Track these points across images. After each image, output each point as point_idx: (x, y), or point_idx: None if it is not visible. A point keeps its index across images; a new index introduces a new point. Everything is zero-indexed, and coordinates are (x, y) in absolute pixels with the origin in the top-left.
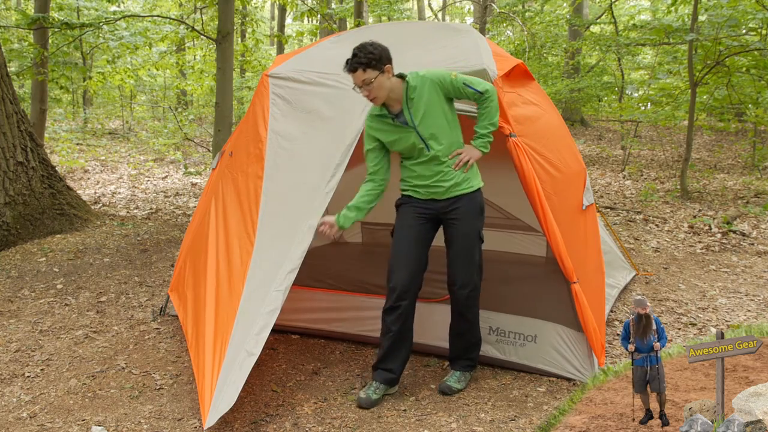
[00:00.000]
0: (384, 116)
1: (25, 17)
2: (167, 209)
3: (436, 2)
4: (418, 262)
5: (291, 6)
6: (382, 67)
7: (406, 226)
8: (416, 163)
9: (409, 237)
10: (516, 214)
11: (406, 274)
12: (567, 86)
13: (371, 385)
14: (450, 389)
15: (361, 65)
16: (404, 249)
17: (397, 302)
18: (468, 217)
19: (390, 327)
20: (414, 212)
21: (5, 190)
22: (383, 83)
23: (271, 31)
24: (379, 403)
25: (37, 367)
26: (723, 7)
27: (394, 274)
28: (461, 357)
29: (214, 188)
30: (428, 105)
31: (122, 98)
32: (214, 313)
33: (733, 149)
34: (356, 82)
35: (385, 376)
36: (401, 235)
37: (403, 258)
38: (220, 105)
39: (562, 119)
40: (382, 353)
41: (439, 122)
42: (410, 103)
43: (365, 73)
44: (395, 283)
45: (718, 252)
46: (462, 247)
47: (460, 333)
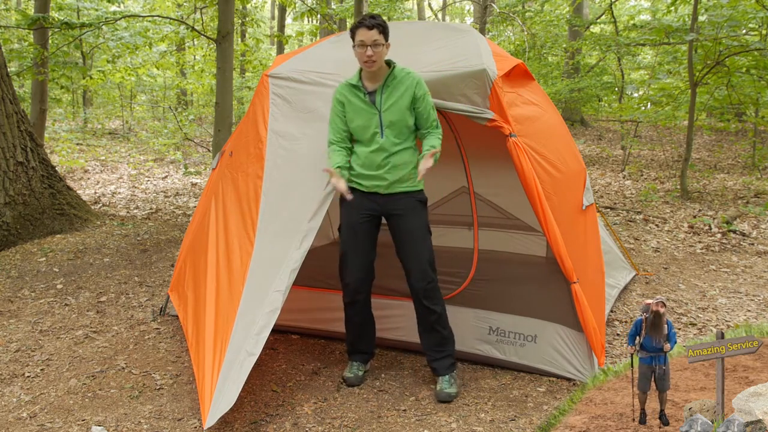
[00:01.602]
0: (358, 88)
1: (25, 17)
2: (167, 209)
3: (436, 2)
4: (366, 255)
5: (291, 6)
6: (387, 40)
7: (352, 224)
8: (365, 150)
9: (356, 234)
10: (516, 214)
11: (358, 270)
12: (567, 86)
13: (353, 366)
14: (450, 396)
15: (378, 26)
16: (351, 245)
17: (355, 297)
18: (412, 213)
19: (353, 318)
20: (357, 212)
21: (5, 190)
22: (383, 53)
23: (271, 31)
24: (365, 379)
25: (37, 367)
26: (723, 7)
27: (347, 270)
28: (438, 357)
29: (214, 188)
30: (400, 99)
31: (122, 98)
32: (214, 313)
33: (733, 149)
34: (367, 40)
35: (363, 357)
36: (348, 234)
37: (351, 254)
38: (220, 105)
39: (562, 119)
40: (354, 339)
41: (402, 118)
42: (385, 89)
43: (379, 35)
44: (349, 280)
45: (718, 252)
46: (411, 243)
47: (429, 328)
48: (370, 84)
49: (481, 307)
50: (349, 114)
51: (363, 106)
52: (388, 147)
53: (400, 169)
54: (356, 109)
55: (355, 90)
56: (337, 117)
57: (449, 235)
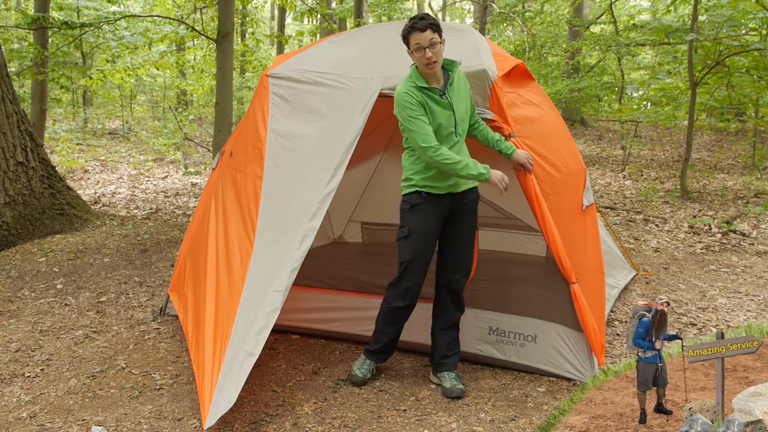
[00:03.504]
0: (431, 90)
1: (25, 17)
2: (167, 209)
3: (436, 2)
4: (430, 262)
5: (290, 7)
6: (442, 36)
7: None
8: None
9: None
10: (516, 214)
11: (421, 275)
12: (567, 86)
13: (365, 363)
14: (462, 391)
15: (432, 26)
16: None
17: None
18: (474, 211)
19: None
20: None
21: (5, 190)
22: (442, 51)
23: (271, 31)
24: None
25: (37, 367)
26: (723, 7)
27: (412, 276)
28: (450, 354)
29: (214, 188)
30: (465, 95)
31: (122, 98)
32: (214, 313)
33: (733, 149)
34: (424, 42)
35: (383, 357)
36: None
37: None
38: (220, 105)
39: (562, 119)
40: (390, 341)
41: (467, 115)
42: (451, 89)
43: (434, 34)
44: (411, 284)
45: (718, 252)
46: (467, 238)
47: (453, 325)
48: (436, 83)
49: (481, 307)
50: (432, 113)
51: (440, 107)
52: (461, 145)
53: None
54: (434, 111)
55: (427, 91)
56: (423, 119)
57: None
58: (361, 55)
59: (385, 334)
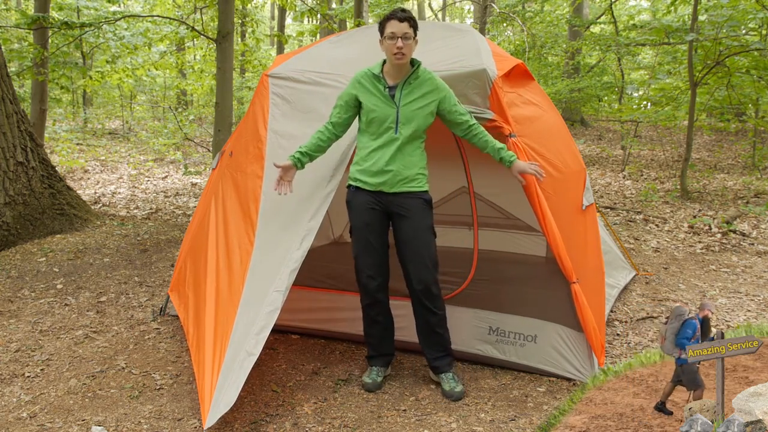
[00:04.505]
0: (379, 80)
1: (25, 17)
2: (167, 209)
3: (436, 2)
4: (378, 255)
5: (290, 7)
6: (416, 36)
7: (360, 226)
8: (374, 143)
9: (365, 234)
10: (516, 214)
11: (371, 268)
12: (567, 86)
13: (372, 371)
14: (461, 394)
15: (409, 20)
16: (363, 246)
17: (376, 296)
18: (417, 213)
19: (377, 318)
20: (364, 212)
21: (5, 190)
22: (413, 48)
23: (271, 31)
24: (382, 385)
25: (37, 367)
26: (723, 7)
27: (361, 272)
28: (439, 356)
29: (214, 188)
30: (420, 99)
31: (122, 98)
32: (214, 313)
33: (733, 149)
34: (398, 32)
35: (385, 360)
36: (358, 235)
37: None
38: (220, 105)
39: (562, 119)
40: (377, 342)
41: (419, 117)
42: (406, 86)
43: (410, 29)
44: (365, 281)
45: (718, 252)
46: (413, 245)
47: (430, 330)
48: (391, 79)
49: (481, 307)
50: (367, 104)
51: (381, 99)
52: (399, 143)
53: (408, 168)
54: (374, 101)
55: (375, 81)
56: (344, 103)
57: (449, 235)
58: (361, 55)
59: (369, 335)
